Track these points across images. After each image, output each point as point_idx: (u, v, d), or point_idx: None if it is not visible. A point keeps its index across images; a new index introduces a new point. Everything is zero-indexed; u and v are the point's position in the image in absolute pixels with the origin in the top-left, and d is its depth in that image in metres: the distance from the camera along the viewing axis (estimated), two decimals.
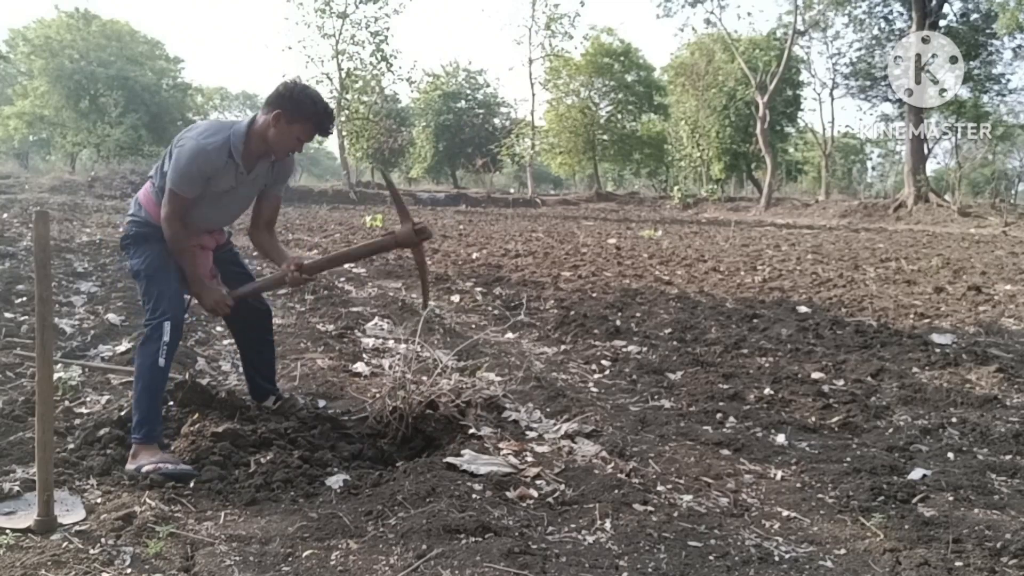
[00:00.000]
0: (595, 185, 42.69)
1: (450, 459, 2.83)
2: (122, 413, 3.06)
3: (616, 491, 2.58)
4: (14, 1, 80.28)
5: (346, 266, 9.27)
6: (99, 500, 2.44)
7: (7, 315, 4.99)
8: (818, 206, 29.35)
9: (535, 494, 2.63)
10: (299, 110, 2.80)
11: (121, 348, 4.45)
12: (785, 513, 2.55)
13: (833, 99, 41.91)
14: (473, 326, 5.85)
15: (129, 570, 2.02)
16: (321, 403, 3.57)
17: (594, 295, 7.23)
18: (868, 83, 32.34)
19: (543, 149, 41.33)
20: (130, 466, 2.63)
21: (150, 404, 2.76)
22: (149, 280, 2.90)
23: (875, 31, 30.54)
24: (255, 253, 4.73)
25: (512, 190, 46.41)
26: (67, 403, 3.29)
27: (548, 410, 3.57)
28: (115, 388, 3.65)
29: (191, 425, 2.91)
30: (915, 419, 3.63)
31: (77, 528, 2.22)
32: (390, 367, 4.25)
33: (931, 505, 2.60)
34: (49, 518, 2.18)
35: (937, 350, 4.94)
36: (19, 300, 5.53)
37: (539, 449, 3.06)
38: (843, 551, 2.29)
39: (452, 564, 2.07)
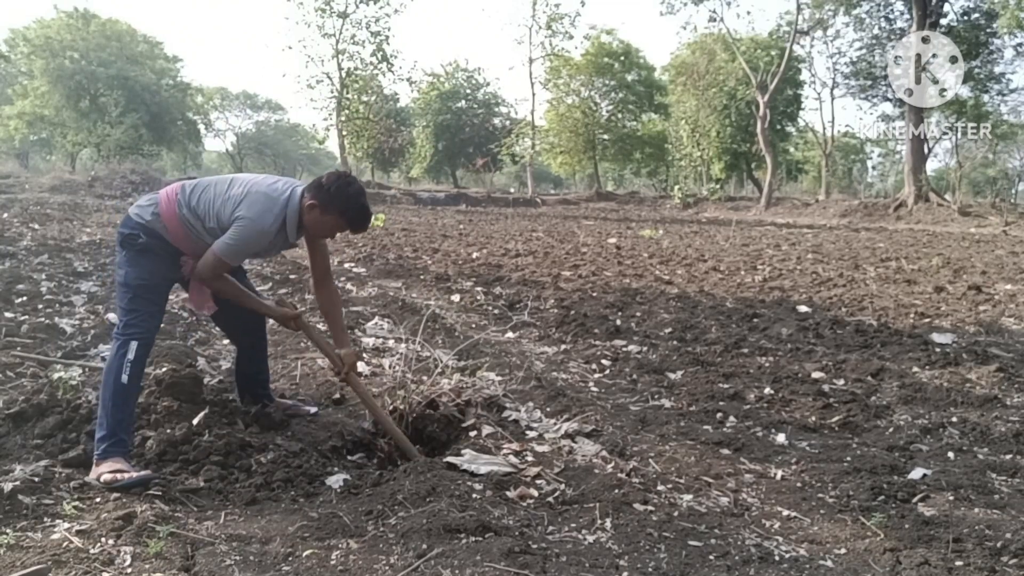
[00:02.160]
0: (595, 185, 42.68)
1: (450, 459, 2.83)
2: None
3: (616, 491, 2.58)
4: (14, 1, 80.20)
5: (348, 264, 9.28)
6: (99, 500, 2.44)
7: (7, 315, 4.98)
8: (818, 206, 29.34)
9: (535, 494, 2.63)
10: (332, 206, 2.81)
11: None
12: (785, 513, 2.55)
13: (833, 99, 41.96)
14: (473, 326, 5.85)
15: (129, 570, 2.02)
16: (312, 409, 3.45)
17: (594, 295, 7.23)
18: (868, 83, 32.30)
19: (543, 149, 41.33)
20: (91, 476, 2.58)
21: (113, 420, 2.65)
22: (134, 295, 2.83)
23: (875, 30, 30.52)
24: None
25: (512, 190, 46.43)
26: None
27: (548, 410, 3.57)
28: None
29: (193, 427, 2.91)
30: (915, 419, 3.63)
31: (77, 528, 2.22)
32: (390, 367, 4.26)
33: (931, 505, 2.60)
34: None
35: (937, 350, 4.93)
36: (19, 300, 5.53)
37: (539, 449, 3.06)
38: (843, 551, 2.29)
39: (452, 564, 2.07)
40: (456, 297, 7.01)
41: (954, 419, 3.59)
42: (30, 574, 1.94)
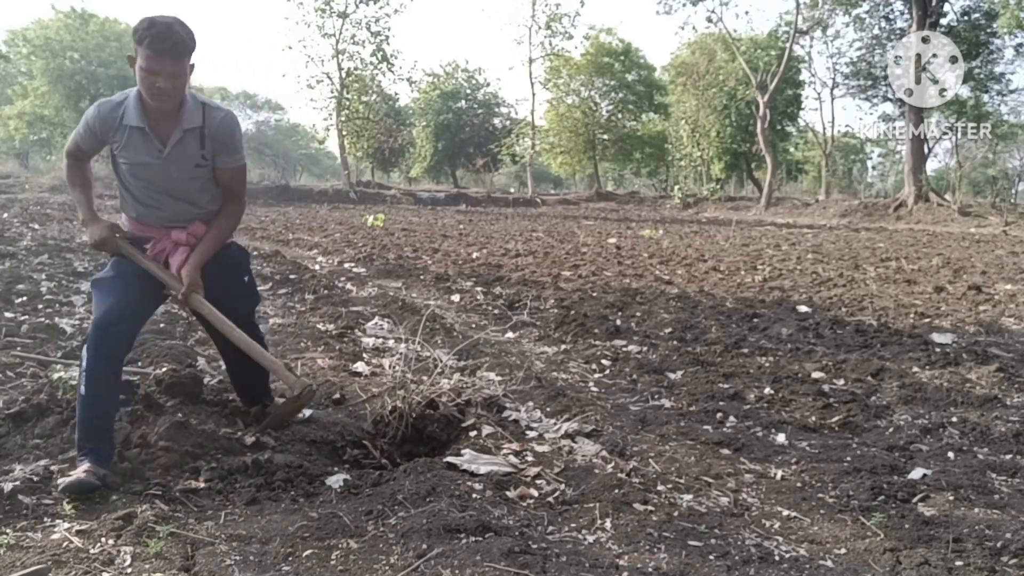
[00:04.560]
0: (595, 185, 42.67)
1: (450, 459, 2.83)
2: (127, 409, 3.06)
3: (616, 491, 2.58)
4: (14, 1, 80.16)
5: (348, 264, 9.28)
6: (99, 500, 2.44)
7: (7, 315, 4.99)
8: (818, 206, 29.34)
9: (535, 494, 2.63)
10: (135, 38, 2.56)
11: None
12: (785, 513, 2.55)
13: (833, 99, 41.93)
14: (473, 326, 5.85)
15: (129, 570, 2.02)
16: (307, 412, 3.35)
17: (594, 295, 7.23)
18: (868, 83, 32.30)
19: (543, 149, 41.34)
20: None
21: (82, 433, 2.55)
22: (94, 290, 2.75)
23: (875, 30, 30.52)
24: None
25: (512, 190, 46.42)
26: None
27: (548, 410, 3.57)
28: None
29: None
30: (915, 419, 3.63)
31: (77, 528, 2.22)
32: (390, 367, 4.26)
33: (931, 505, 2.60)
34: None
35: (937, 349, 4.93)
36: (19, 300, 5.53)
37: (539, 449, 3.06)
38: (843, 551, 2.29)
39: (452, 564, 2.07)
40: (456, 297, 7.01)
41: (954, 419, 3.59)
42: (30, 574, 1.94)
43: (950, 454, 3.14)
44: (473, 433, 3.20)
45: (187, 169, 2.76)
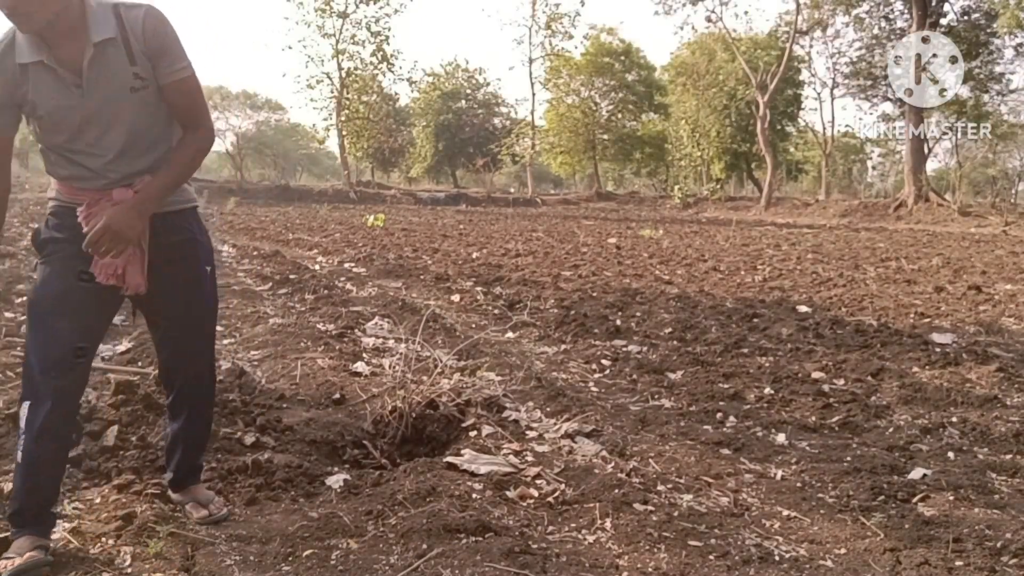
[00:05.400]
0: (595, 185, 42.67)
1: (450, 459, 2.83)
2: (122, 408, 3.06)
3: (616, 491, 2.58)
4: None
5: (348, 264, 9.28)
6: (98, 500, 2.44)
7: (7, 315, 4.99)
8: (818, 205, 29.33)
9: (535, 494, 2.63)
10: None
11: (121, 348, 4.46)
12: (785, 513, 2.55)
13: (833, 99, 41.77)
14: (473, 326, 5.85)
15: (129, 570, 2.02)
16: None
17: (594, 295, 7.23)
18: (868, 83, 32.28)
19: (543, 149, 41.33)
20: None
21: (21, 503, 2.05)
22: (29, 321, 2.10)
23: (875, 30, 30.51)
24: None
25: (512, 190, 46.40)
26: None
27: (548, 410, 3.57)
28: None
29: None
30: (915, 418, 3.63)
31: (77, 528, 2.22)
32: (390, 367, 4.26)
33: (931, 505, 2.60)
34: None
35: (937, 349, 4.93)
36: (19, 300, 5.53)
37: (539, 449, 3.06)
38: (843, 551, 2.29)
39: (452, 564, 2.07)
40: (456, 297, 7.01)
41: (954, 419, 3.59)
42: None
43: (950, 454, 3.14)
44: (473, 433, 3.20)
45: (119, 97, 2.01)
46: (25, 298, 5.58)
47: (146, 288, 2.12)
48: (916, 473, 2.87)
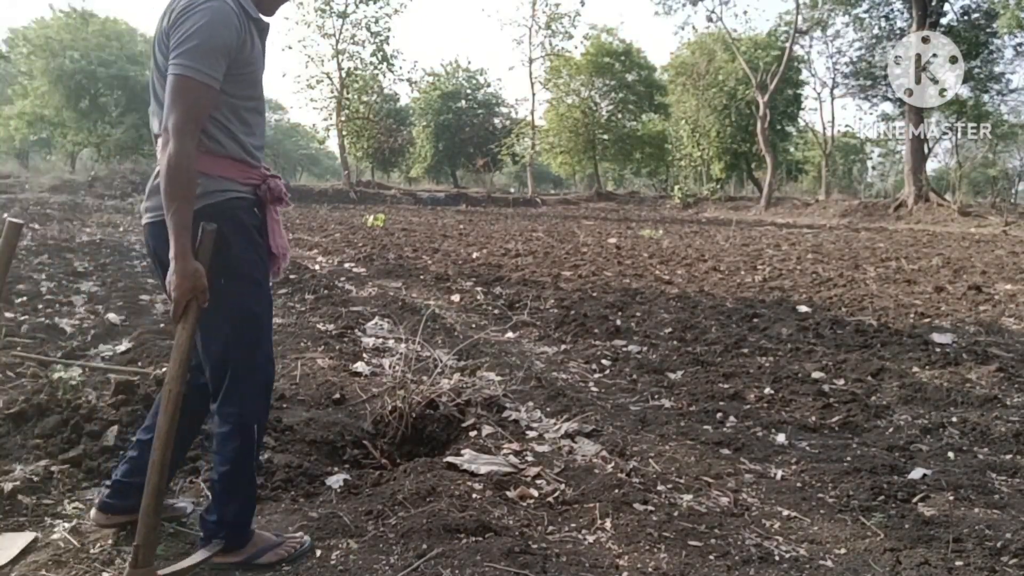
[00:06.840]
0: (595, 185, 42.66)
1: (450, 459, 2.83)
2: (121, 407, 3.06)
3: (616, 491, 2.58)
4: (13, 1, 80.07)
5: (348, 264, 9.27)
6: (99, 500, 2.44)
7: (7, 315, 4.98)
8: (818, 206, 29.33)
9: (535, 494, 2.63)
10: None
11: (121, 348, 4.45)
12: (785, 513, 2.55)
13: (833, 99, 41.77)
14: (473, 326, 5.85)
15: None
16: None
17: (594, 295, 7.23)
18: (868, 83, 32.29)
19: (543, 149, 41.32)
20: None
21: (249, 511, 2.11)
22: (247, 338, 1.97)
23: (875, 30, 30.51)
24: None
25: (512, 190, 46.40)
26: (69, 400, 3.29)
27: (548, 410, 3.57)
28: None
29: None
30: (915, 419, 3.63)
31: (77, 528, 2.22)
32: (390, 367, 4.26)
33: (931, 505, 2.60)
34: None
35: (937, 350, 4.93)
36: (19, 300, 5.53)
37: (539, 449, 3.06)
38: (843, 551, 2.29)
39: (452, 564, 2.07)
40: (456, 297, 7.01)
41: (954, 419, 3.59)
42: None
43: (950, 454, 3.14)
44: (473, 433, 3.20)
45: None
46: (24, 298, 5.57)
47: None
48: (916, 473, 2.88)
